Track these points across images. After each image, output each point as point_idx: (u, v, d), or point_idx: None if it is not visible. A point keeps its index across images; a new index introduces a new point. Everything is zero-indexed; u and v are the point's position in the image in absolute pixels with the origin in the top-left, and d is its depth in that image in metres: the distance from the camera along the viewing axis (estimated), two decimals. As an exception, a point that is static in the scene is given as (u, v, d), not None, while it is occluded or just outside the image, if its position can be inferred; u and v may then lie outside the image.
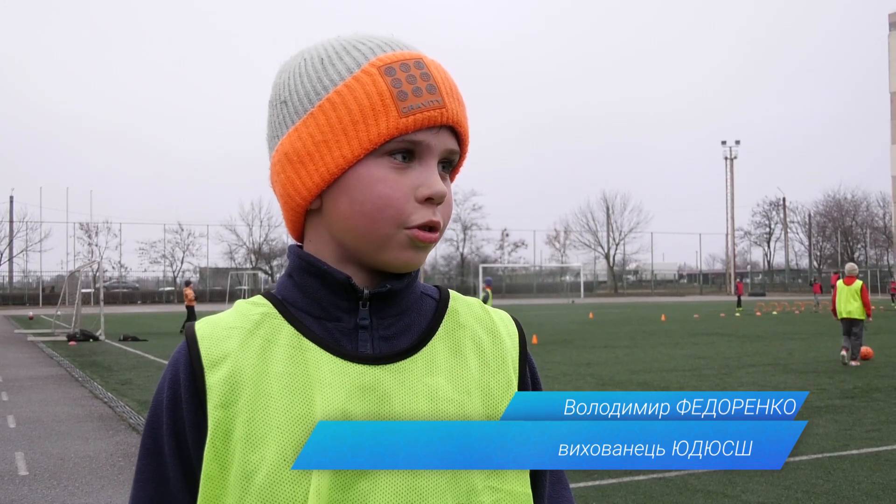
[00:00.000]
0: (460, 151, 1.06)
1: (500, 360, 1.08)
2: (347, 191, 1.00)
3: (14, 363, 17.24)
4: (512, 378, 1.08)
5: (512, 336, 1.12)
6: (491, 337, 1.09)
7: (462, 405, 1.01)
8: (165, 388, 1.03)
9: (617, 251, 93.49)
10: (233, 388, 0.98)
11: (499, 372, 1.07)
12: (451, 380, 1.03)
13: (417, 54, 1.03)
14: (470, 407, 1.02)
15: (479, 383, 1.04)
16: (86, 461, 7.65)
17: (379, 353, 1.02)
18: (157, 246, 79.16)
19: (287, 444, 0.96)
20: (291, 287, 1.06)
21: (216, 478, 0.97)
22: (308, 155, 1.01)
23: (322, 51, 1.05)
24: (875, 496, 5.91)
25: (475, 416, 1.01)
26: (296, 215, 1.06)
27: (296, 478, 0.95)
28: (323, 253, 1.05)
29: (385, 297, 1.04)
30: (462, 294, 1.16)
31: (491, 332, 1.10)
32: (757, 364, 14.78)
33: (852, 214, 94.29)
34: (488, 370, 1.06)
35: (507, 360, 1.08)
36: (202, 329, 1.04)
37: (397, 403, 0.99)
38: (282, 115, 1.05)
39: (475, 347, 1.07)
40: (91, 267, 34.37)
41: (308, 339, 1.01)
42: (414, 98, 0.99)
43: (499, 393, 1.05)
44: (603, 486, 6.25)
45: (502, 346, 1.09)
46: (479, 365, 1.06)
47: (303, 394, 0.98)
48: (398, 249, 1.01)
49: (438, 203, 1.02)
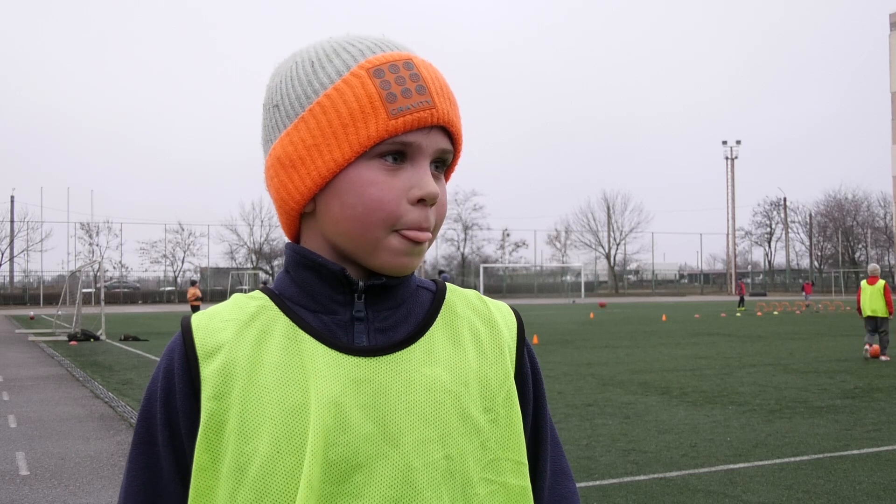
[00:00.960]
0: (454, 151, 1.06)
1: (498, 350, 1.08)
2: (339, 194, 1.00)
3: (15, 363, 17.24)
4: (509, 369, 1.08)
5: (510, 326, 1.12)
6: (488, 327, 1.09)
7: (459, 396, 1.01)
8: (160, 377, 1.03)
9: (618, 251, 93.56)
10: (226, 379, 0.98)
11: (497, 362, 1.07)
12: (449, 370, 1.02)
13: (407, 55, 1.03)
14: (467, 398, 1.02)
15: (476, 374, 1.04)
16: (87, 461, 7.65)
17: (375, 344, 1.02)
18: (158, 246, 79.21)
19: (280, 435, 0.96)
20: (288, 281, 1.07)
21: (208, 469, 0.97)
22: (300, 159, 1.01)
23: (313, 53, 1.05)
24: (876, 496, 5.90)
25: (472, 407, 1.02)
26: (290, 219, 1.07)
27: (290, 469, 0.95)
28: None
29: (381, 290, 1.04)
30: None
31: (488, 323, 1.10)
32: (758, 364, 14.77)
33: (853, 214, 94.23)
34: (486, 361, 1.06)
35: (505, 350, 1.08)
36: (198, 320, 1.04)
37: (393, 395, 0.99)
38: (274, 118, 1.06)
39: (473, 338, 1.07)
40: (92, 267, 34.34)
41: (304, 331, 1.01)
42: (403, 99, 0.98)
43: (496, 384, 1.05)
44: (604, 486, 6.25)
45: (500, 336, 1.09)
46: (477, 355, 1.06)
47: (297, 385, 0.98)
48: (389, 254, 1.01)
49: (431, 204, 1.02)
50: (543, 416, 1.14)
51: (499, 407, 1.04)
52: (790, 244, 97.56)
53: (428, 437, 0.98)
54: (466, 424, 1.01)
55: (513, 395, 1.07)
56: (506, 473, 1.03)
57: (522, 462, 1.05)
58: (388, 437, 0.97)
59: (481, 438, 1.02)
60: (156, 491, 1.02)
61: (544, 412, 1.14)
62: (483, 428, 1.02)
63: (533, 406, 1.12)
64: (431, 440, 0.98)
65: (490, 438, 1.02)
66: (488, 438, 1.02)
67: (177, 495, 1.02)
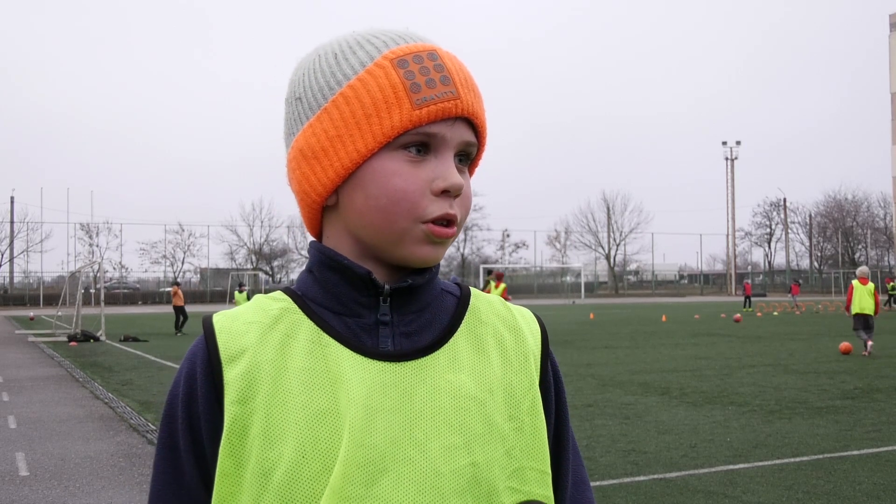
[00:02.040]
0: (478, 144, 1.04)
1: (523, 358, 1.06)
2: (362, 185, 0.99)
3: (15, 364, 17.23)
4: (534, 377, 1.06)
5: (534, 334, 1.10)
6: (513, 334, 1.07)
7: (484, 403, 0.99)
8: (182, 381, 1.01)
9: (617, 252, 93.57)
10: (250, 384, 0.97)
11: (521, 370, 1.05)
12: (473, 377, 1.01)
13: (431, 46, 1.02)
14: (492, 405, 1.00)
15: (501, 381, 1.02)
16: (86, 462, 7.65)
17: (400, 349, 1.00)
18: (158, 246, 79.36)
19: (305, 440, 0.94)
20: (311, 282, 1.04)
21: (231, 475, 0.96)
22: (322, 150, 1.00)
23: (336, 46, 1.03)
24: (876, 497, 5.90)
25: (497, 415, 1.00)
26: (313, 212, 1.05)
27: (315, 474, 0.93)
28: (341, 249, 1.04)
29: (406, 293, 1.02)
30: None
31: (513, 330, 1.08)
32: (758, 364, 14.77)
33: (853, 215, 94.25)
34: (511, 368, 1.04)
35: (530, 358, 1.06)
36: (220, 323, 1.02)
37: (419, 400, 0.97)
38: (297, 111, 1.04)
39: (497, 345, 1.05)
40: (92, 267, 34.36)
41: (328, 334, 0.99)
42: (427, 90, 0.97)
43: (521, 392, 1.03)
44: (603, 487, 6.25)
45: (525, 343, 1.07)
46: (502, 363, 1.04)
47: (323, 390, 0.96)
48: (415, 244, 1.00)
49: (455, 196, 1.00)
50: (565, 424, 1.12)
51: (524, 415, 1.03)
52: (790, 245, 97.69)
53: (454, 443, 0.96)
54: (492, 432, 0.99)
55: (537, 403, 1.05)
56: (530, 483, 1.01)
57: (546, 471, 1.04)
58: (414, 442, 0.95)
59: (507, 446, 1.00)
60: (179, 493, 1.01)
61: (566, 421, 1.12)
62: (508, 436, 1.00)
63: (555, 415, 1.10)
64: (457, 447, 0.96)
65: (515, 447, 1.01)
66: (513, 447, 1.00)
67: (201, 501, 1.00)
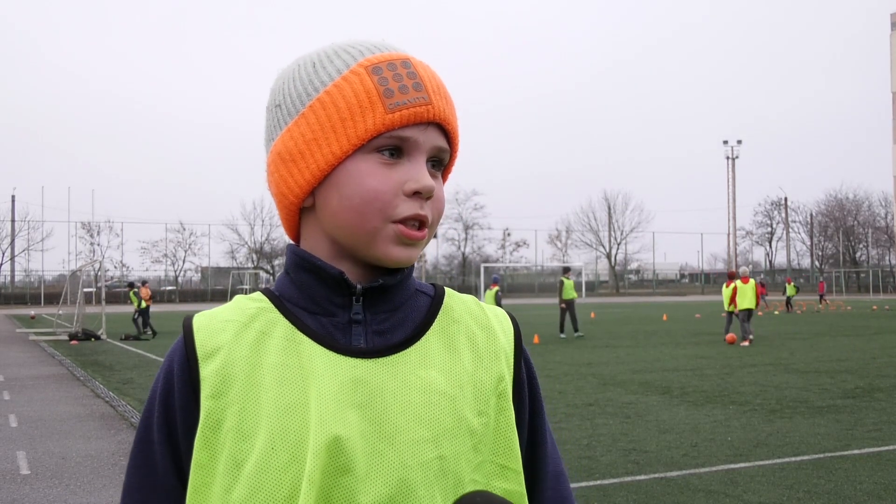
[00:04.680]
0: (451, 150, 1.08)
1: (494, 355, 1.09)
2: (337, 186, 1.03)
3: (16, 362, 17.25)
4: (504, 374, 1.09)
5: (507, 332, 1.13)
6: (485, 333, 1.11)
7: (454, 399, 1.03)
8: (161, 378, 1.06)
9: (618, 251, 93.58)
10: (225, 379, 1.01)
11: (491, 368, 1.08)
12: (444, 373, 1.04)
13: (405, 55, 1.07)
14: (462, 401, 1.03)
15: (471, 378, 1.06)
16: (87, 460, 7.66)
17: (372, 346, 1.04)
18: (159, 245, 79.39)
19: (275, 431, 0.98)
20: (288, 283, 1.09)
21: (205, 466, 1.00)
22: (299, 153, 1.04)
23: (315, 56, 1.09)
24: (877, 496, 5.90)
25: (466, 410, 1.03)
26: (290, 214, 1.09)
27: (283, 465, 0.97)
28: (318, 250, 1.08)
29: (378, 293, 1.06)
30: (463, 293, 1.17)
31: (485, 328, 1.11)
32: (758, 364, 14.76)
33: (854, 214, 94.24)
34: (482, 365, 1.07)
35: (501, 356, 1.10)
36: (199, 321, 1.07)
37: (389, 396, 1.00)
38: (276, 117, 1.09)
39: (469, 343, 1.09)
40: (93, 266, 34.37)
41: (302, 332, 1.03)
42: (400, 95, 1.02)
43: (490, 387, 1.06)
44: (604, 486, 6.25)
45: (496, 341, 1.11)
46: (473, 360, 1.07)
47: (294, 384, 1.00)
48: (387, 245, 1.03)
49: (427, 197, 1.04)
50: (541, 420, 1.15)
51: (491, 411, 1.06)
52: (791, 244, 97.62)
53: (422, 437, 1.00)
54: (460, 426, 1.02)
55: (505, 400, 1.08)
56: (491, 476, 1.05)
57: (508, 466, 1.07)
58: (383, 435, 0.99)
59: (474, 441, 1.03)
60: (153, 487, 1.05)
61: (542, 416, 1.16)
62: (476, 430, 1.04)
63: (529, 411, 1.14)
64: (425, 440, 1.00)
65: (482, 441, 1.04)
66: (480, 441, 1.04)
67: (174, 492, 1.04)
